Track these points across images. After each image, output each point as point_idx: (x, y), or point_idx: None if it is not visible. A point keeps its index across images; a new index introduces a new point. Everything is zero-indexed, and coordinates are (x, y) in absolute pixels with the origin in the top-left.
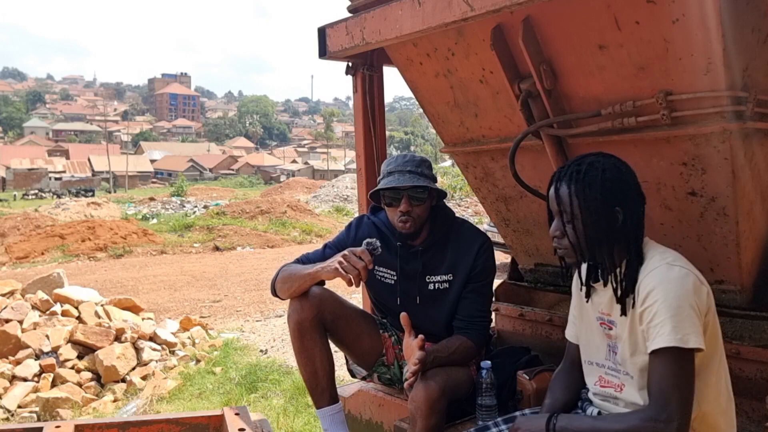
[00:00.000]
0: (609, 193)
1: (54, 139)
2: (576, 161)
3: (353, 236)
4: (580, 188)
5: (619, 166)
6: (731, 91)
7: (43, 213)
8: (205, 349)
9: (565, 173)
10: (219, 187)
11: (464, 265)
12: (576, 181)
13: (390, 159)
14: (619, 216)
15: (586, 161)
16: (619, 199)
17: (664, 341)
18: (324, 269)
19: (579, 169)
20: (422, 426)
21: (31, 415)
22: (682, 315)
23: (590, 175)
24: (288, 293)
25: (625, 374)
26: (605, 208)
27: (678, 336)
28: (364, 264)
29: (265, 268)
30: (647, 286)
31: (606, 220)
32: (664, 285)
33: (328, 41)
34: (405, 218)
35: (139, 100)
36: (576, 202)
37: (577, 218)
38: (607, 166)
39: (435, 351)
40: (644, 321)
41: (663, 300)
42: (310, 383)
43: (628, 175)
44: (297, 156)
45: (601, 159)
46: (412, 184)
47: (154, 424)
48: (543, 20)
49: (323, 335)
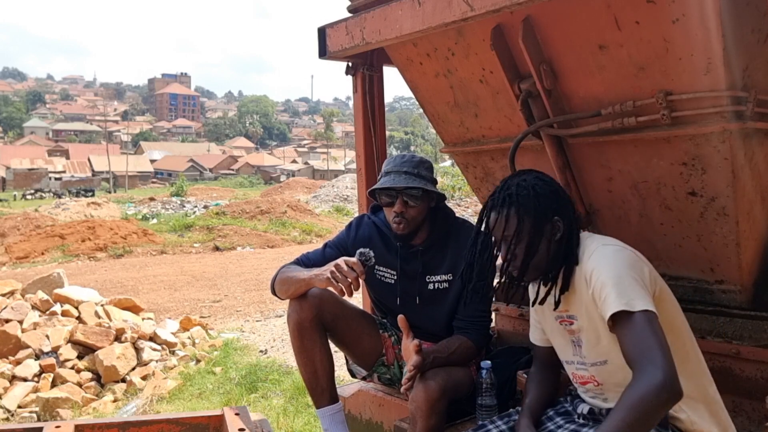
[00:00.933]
0: (545, 206)
1: (54, 139)
2: (502, 187)
3: (353, 236)
4: (519, 209)
5: (544, 179)
6: (731, 91)
7: (43, 213)
8: (205, 349)
9: (498, 200)
10: (219, 187)
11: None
12: (511, 203)
13: (390, 159)
14: (559, 224)
15: (513, 183)
16: (554, 208)
17: (612, 307)
18: (317, 277)
19: (510, 192)
20: (422, 426)
21: (31, 415)
22: (623, 283)
23: (522, 195)
24: (286, 295)
25: (593, 365)
26: (546, 220)
27: (623, 300)
28: (356, 275)
29: (265, 268)
30: (589, 269)
31: (550, 231)
32: (602, 261)
33: (328, 41)
34: (399, 219)
35: (139, 100)
36: (519, 223)
37: (524, 238)
38: (534, 182)
39: (434, 352)
40: (596, 299)
41: (604, 274)
42: (310, 383)
43: (553, 185)
44: (297, 156)
45: (526, 177)
46: (406, 185)
47: (154, 424)
48: (543, 20)
49: (323, 335)
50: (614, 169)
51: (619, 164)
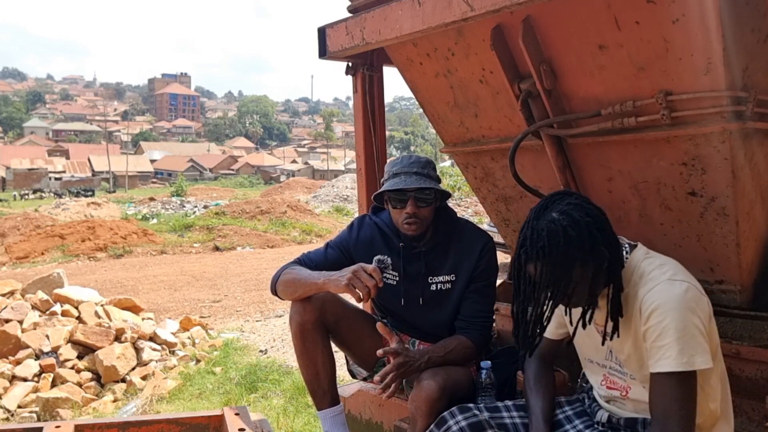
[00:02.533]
0: (586, 244)
1: (54, 139)
2: (533, 236)
3: (355, 236)
4: (556, 258)
5: (573, 215)
6: (731, 91)
7: (43, 213)
8: (205, 349)
9: (533, 254)
10: (219, 187)
11: (467, 265)
12: (546, 255)
13: (395, 160)
14: (605, 251)
15: (543, 231)
16: (597, 240)
17: (670, 365)
18: (332, 282)
19: (542, 245)
20: (422, 426)
21: (31, 415)
22: (687, 336)
23: (554, 245)
24: (291, 297)
25: (632, 378)
26: (591, 257)
27: (684, 360)
28: (374, 282)
29: (265, 268)
30: (650, 305)
31: (596, 265)
32: (668, 304)
33: (328, 41)
34: (411, 220)
35: (139, 100)
36: (556, 271)
37: (572, 280)
38: (566, 224)
39: (430, 352)
40: (648, 339)
41: (668, 321)
42: (312, 385)
43: (586, 217)
44: (297, 156)
45: (555, 219)
46: (419, 186)
47: (154, 424)
48: (543, 20)
49: (325, 337)
50: (614, 169)
51: (619, 164)
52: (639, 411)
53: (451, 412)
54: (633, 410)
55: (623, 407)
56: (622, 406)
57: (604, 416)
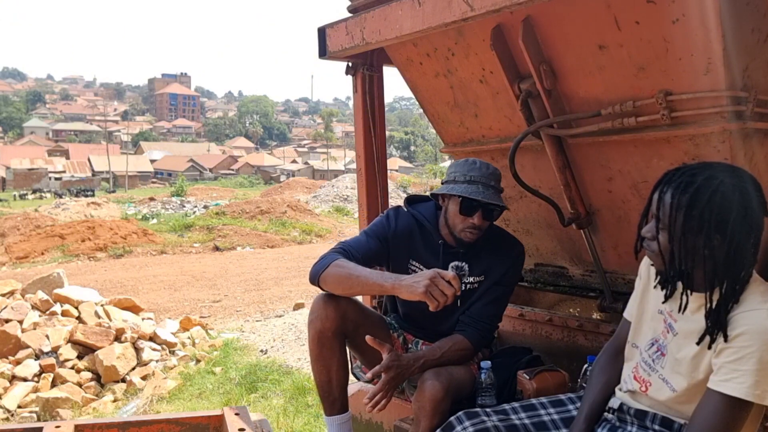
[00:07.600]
0: (711, 219)
1: (54, 139)
2: (692, 169)
3: (394, 227)
4: (683, 203)
5: (734, 192)
6: (731, 91)
7: (43, 213)
8: (205, 349)
9: (676, 180)
10: (219, 187)
11: (499, 269)
12: (682, 193)
13: (468, 164)
14: (718, 244)
15: (704, 174)
16: (722, 228)
17: (741, 392)
18: (405, 287)
19: (691, 181)
20: (426, 426)
21: (31, 415)
22: (767, 370)
23: (700, 192)
24: (342, 292)
25: (660, 378)
26: (703, 232)
27: (757, 392)
28: (453, 291)
29: (265, 268)
30: (740, 327)
31: (702, 244)
32: (761, 336)
33: (328, 41)
34: (475, 231)
35: (139, 100)
36: (674, 215)
37: (671, 230)
38: (722, 189)
39: (425, 355)
40: (722, 356)
41: (754, 349)
42: (323, 390)
43: (742, 203)
44: (297, 156)
45: (720, 176)
46: (497, 203)
47: (154, 424)
48: (543, 20)
49: (342, 345)
50: (614, 169)
51: (619, 164)
52: (653, 407)
53: (458, 417)
54: (647, 406)
55: (639, 400)
56: (636, 398)
57: (615, 403)
